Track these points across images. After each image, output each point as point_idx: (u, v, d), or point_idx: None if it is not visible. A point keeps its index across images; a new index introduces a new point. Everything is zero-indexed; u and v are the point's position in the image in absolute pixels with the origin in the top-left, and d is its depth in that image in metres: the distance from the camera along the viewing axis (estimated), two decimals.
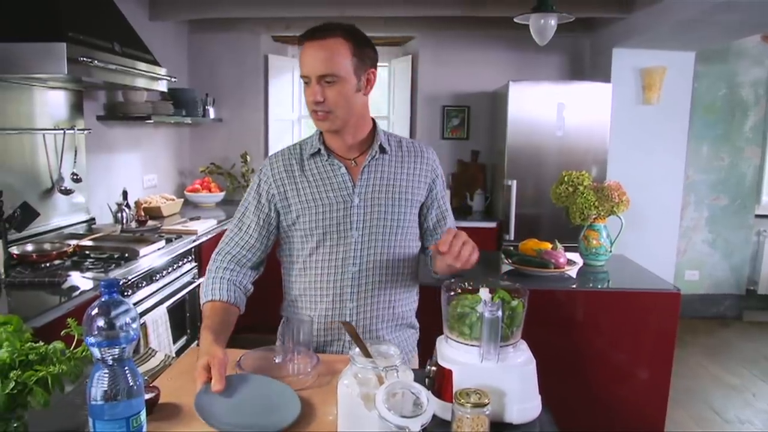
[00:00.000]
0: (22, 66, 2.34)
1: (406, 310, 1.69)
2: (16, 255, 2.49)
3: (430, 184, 1.67)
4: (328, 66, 1.46)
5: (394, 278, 1.62)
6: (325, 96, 1.47)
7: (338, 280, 1.59)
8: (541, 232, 3.83)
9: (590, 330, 2.39)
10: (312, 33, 1.49)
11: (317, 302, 1.61)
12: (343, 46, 1.48)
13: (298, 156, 1.63)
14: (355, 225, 1.57)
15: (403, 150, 1.66)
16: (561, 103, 4.00)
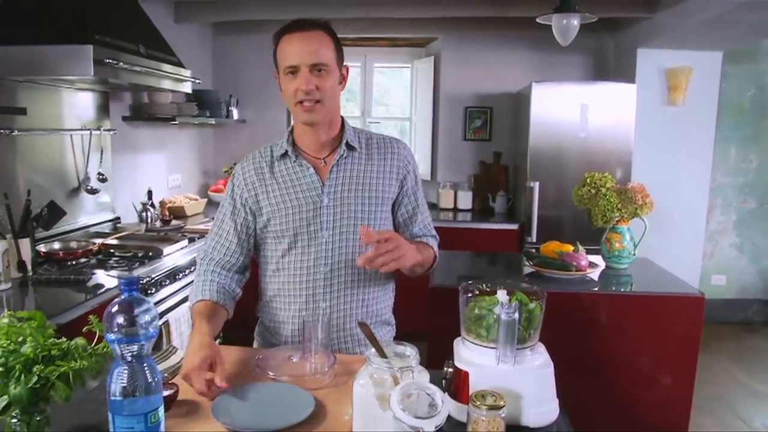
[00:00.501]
0: (50, 68, 2.39)
1: (381, 308, 1.69)
2: (43, 253, 2.54)
3: (401, 180, 1.66)
4: (320, 56, 1.47)
5: (366, 277, 1.62)
6: (317, 85, 1.47)
7: (311, 280, 1.59)
8: (564, 234, 3.80)
9: (612, 334, 2.36)
10: (296, 25, 1.50)
11: (291, 303, 1.61)
12: (327, 38, 1.51)
13: (268, 158, 1.63)
14: (325, 225, 1.57)
15: (372, 147, 1.65)
16: (584, 104, 3.96)
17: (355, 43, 5.17)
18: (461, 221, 4.46)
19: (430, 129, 5.01)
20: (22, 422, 1.01)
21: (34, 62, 2.38)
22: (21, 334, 1.03)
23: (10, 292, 2.18)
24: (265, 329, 1.70)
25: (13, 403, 0.99)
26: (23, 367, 1.00)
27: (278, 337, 1.65)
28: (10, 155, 2.63)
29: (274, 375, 1.33)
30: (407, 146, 1.71)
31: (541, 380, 1.21)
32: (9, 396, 0.99)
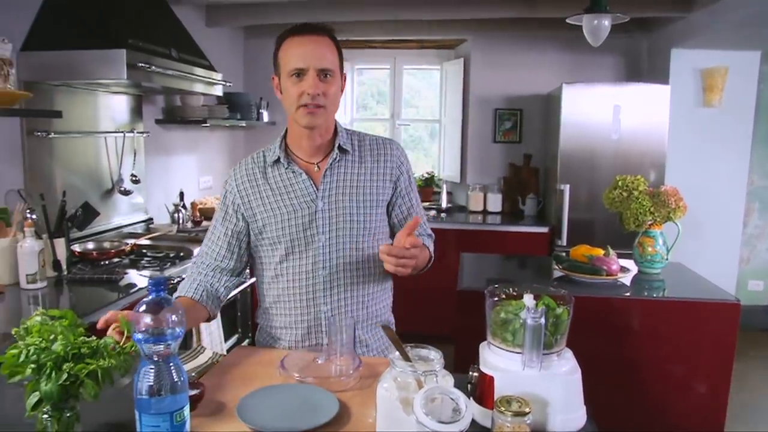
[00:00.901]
0: (85, 72, 2.45)
1: (380, 308, 1.69)
2: (77, 252, 2.60)
3: (395, 182, 1.64)
4: (328, 60, 1.47)
5: (365, 278, 1.62)
6: (324, 90, 1.47)
7: (310, 285, 1.58)
8: (595, 238, 3.74)
9: (644, 340, 2.32)
10: (303, 28, 1.49)
11: (292, 308, 1.61)
12: (332, 44, 1.51)
13: (261, 164, 1.62)
14: (321, 229, 1.56)
15: (365, 148, 1.64)
16: (617, 106, 3.89)
17: (384, 45, 5.18)
18: (490, 224, 4.42)
19: (459, 131, 4.99)
20: (52, 418, 1.03)
21: (70, 67, 2.45)
22: (52, 332, 1.05)
23: (46, 291, 2.24)
24: (266, 335, 1.69)
25: (44, 400, 1.02)
26: (54, 364, 1.02)
27: (280, 343, 1.64)
28: (47, 157, 2.70)
29: (299, 376, 1.33)
30: (400, 147, 1.70)
31: (568, 386, 1.19)
32: (40, 392, 1.01)
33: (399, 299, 1.78)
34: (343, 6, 4.00)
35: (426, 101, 5.56)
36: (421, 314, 4.09)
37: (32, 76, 2.48)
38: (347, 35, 4.79)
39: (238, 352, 1.55)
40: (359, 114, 5.63)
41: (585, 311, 2.31)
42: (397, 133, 5.41)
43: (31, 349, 1.02)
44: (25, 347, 1.03)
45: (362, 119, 5.62)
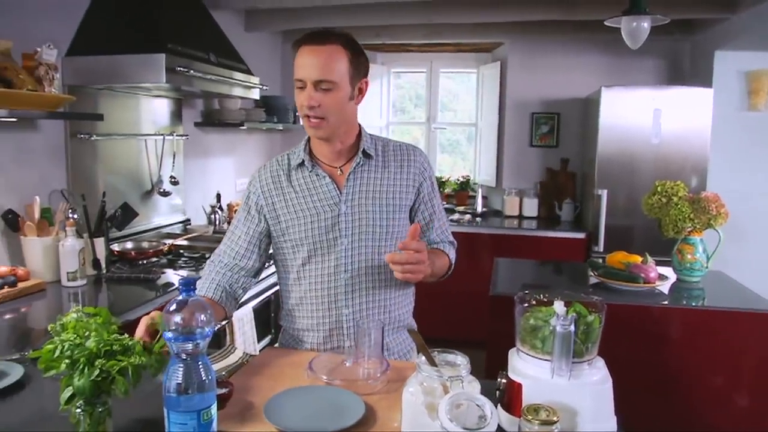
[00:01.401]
0: (126, 76, 2.52)
1: (402, 312, 1.68)
2: (117, 252, 2.67)
3: (417, 187, 1.64)
4: (326, 72, 1.45)
5: (386, 282, 1.61)
6: (320, 102, 1.46)
7: (332, 287, 1.59)
8: (634, 244, 3.65)
9: (683, 350, 2.26)
10: (311, 37, 1.48)
11: (314, 310, 1.61)
12: (340, 53, 1.48)
13: (285, 167, 1.63)
14: (343, 233, 1.57)
15: (389, 154, 1.64)
16: (657, 109, 3.79)
17: (421, 48, 5.18)
18: (526, 229, 4.37)
19: (495, 135, 4.94)
20: (85, 413, 1.06)
21: (112, 71, 2.52)
22: (87, 329, 1.08)
23: (85, 288, 2.31)
24: (289, 337, 1.70)
25: (77, 394, 1.04)
26: (87, 360, 1.04)
27: (302, 345, 1.65)
28: (90, 159, 2.78)
29: (327, 378, 1.34)
30: (423, 153, 1.70)
31: (598, 396, 1.16)
32: (73, 387, 1.04)
33: (432, 304, 1.77)
34: (379, 10, 4.01)
35: (464, 105, 5.53)
36: (454, 320, 4.07)
37: (76, 80, 2.56)
38: (384, 39, 4.80)
39: (267, 353, 1.57)
40: (395, 117, 5.64)
41: (621, 319, 2.28)
42: (433, 136, 5.40)
43: (66, 345, 1.05)
44: (60, 343, 1.06)
45: (398, 123, 5.62)
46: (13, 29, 2.25)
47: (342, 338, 1.60)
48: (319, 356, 1.45)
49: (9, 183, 2.34)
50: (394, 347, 1.66)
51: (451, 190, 5.18)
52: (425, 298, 1.78)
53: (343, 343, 1.60)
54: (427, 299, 1.80)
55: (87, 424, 1.06)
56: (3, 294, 2.05)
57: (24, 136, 2.41)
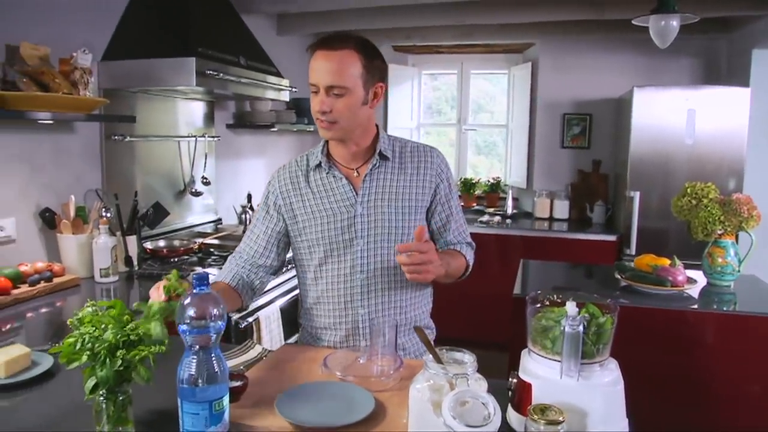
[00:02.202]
0: (158, 79, 2.60)
1: (419, 313, 1.69)
2: (149, 250, 2.75)
3: (434, 188, 1.65)
4: (338, 78, 1.46)
5: (402, 283, 1.62)
6: (332, 107, 1.48)
7: (348, 287, 1.61)
8: (668, 247, 3.58)
9: (711, 356, 2.21)
10: (324, 42, 1.50)
11: (331, 309, 1.64)
12: (354, 58, 1.49)
13: (304, 167, 1.66)
14: (359, 234, 1.59)
15: (406, 155, 1.65)
16: (691, 110, 3.71)
17: (451, 50, 5.18)
18: (557, 231, 4.33)
19: (526, 136, 4.91)
20: (108, 401, 1.10)
21: (145, 74, 2.60)
22: (102, 322, 1.12)
23: (117, 284, 2.39)
24: (308, 335, 1.74)
25: (100, 384, 1.09)
26: (107, 351, 1.09)
27: (320, 343, 1.69)
28: (124, 160, 2.87)
29: (341, 375, 1.36)
30: (441, 154, 1.70)
31: (608, 398, 1.15)
32: (96, 378, 1.09)
33: (461, 306, 1.78)
34: (410, 12, 4.03)
35: (501, 106, 5.50)
36: (483, 321, 4.06)
37: (112, 83, 2.65)
38: (414, 41, 4.82)
39: (285, 349, 1.61)
40: (426, 119, 5.64)
41: (648, 323, 2.25)
42: (464, 138, 5.39)
43: (86, 338, 1.10)
44: (80, 336, 1.11)
45: (429, 124, 5.62)
46: (52, 35, 2.35)
47: (358, 337, 1.63)
48: (334, 353, 1.48)
49: (47, 182, 2.44)
50: (410, 347, 1.67)
51: (482, 192, 5.16)
52: (453, 299, 1.79)
53: (359, 343, 1.62)
54: (456, 301, 1.81)
55: (111, 412, 1.11)
56: (39, 288, 2.14)
57: (61, 138, 2.51)
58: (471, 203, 5.09)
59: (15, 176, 2.31)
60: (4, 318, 1.95)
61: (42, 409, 1.28)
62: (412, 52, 5.32)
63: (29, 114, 2.07)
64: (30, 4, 2.31)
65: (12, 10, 2.24)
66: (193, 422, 1.04)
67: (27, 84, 2.01)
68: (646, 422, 2.05)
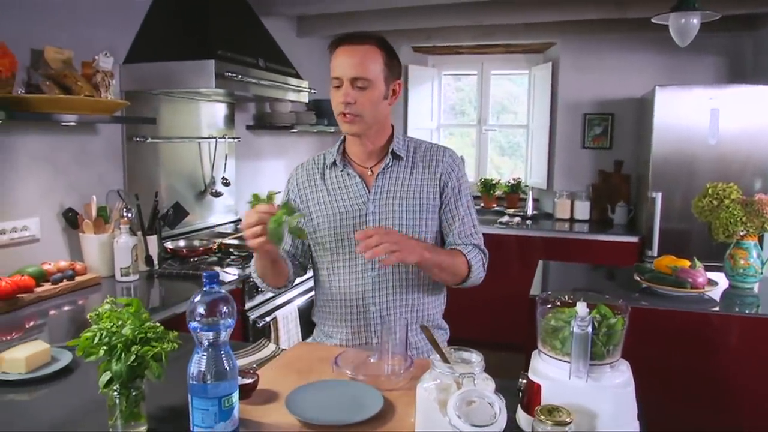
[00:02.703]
0: (179, 82, 2.65)
1: (431, 313, 1.70)
2: (170, 249, 2.80)
3: (442, 187, 1.64)
4: (362, 70, 1.50)
5: (413, 282, 1.64)
6: (356, 99, 1.50)
7: (360, 285, 1.63)
8: (691, 249, 3.52)
9: (733, 359, 2.17)
10: (347, 38, 1.53)
11: (343, 306, 1.66)
12: (376, 53, 1.52)
13: (320, 166, 1.69)
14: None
15: (418, 155, 1.66)
16: (715, 109, 3.65)
17: (471, 50, 5.16)
18: (577, 232, 4.29)
19: (546, 136, 4.87)
20: (121, 396, 1.13)
21: (166, 77, 2.65)
22: (120, 318, 1.15)
23: (137, 283, 2.43)
24: (320, 333, 1.76)
25: (114, 379, 1.11)
26: (123, 346, 1.12)
27: (332, 341, 1.70)
28: (145, 161, 2.93)
29: (352, 374, 1.37)
30: (454, 154, 1.71)
31: (618, 400, 1.15)
32: (111, 371, 1.11)
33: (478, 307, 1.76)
34: (429, 12, 4.03)
35: (524, 106, 5.46)
36: (500, 322, 4.04)
37: (133, 86, 2.70)
38: (434, 41, 4.82)
39: (298, 347, 1.62)
40: (450, 120, 5.63)
41: (667, 325, 2.22)
42: (484, 139, 5.37)
43: (104, 332, 1.13)
44: (98, 331, 1.14)
45: (448, 125, 5.61)
46: (75, 39, 2.41)
47: (369, 335, 1.64)
48: (345, 352, 1.49)
49: (70, 183, 2.50)
50: (422, 346, 1.68)
51: (502, 193, 5.13)
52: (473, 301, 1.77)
53: (371, 340, 1.63)
54: (476, 302, 1.80)
55: (123, 406, 1.13)
56: (62, 287, 2.20)
57: (84, 140, 2.57)
58: (491, 204, 5.06)
59: (39, 177, 2.37)
60: (27, 315, 2.01)
61: (60, 404, 1.32)
62: (432, 52, 5.31)
63: (52, 116, 2.12)
64: (54, 10, 2.37)
65: (37, 15, 2.30)
66: (203, 418, 1.05)
67: (50, 87, 2.06)
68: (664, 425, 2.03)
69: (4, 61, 1.86)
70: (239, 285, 2.59)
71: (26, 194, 2.32)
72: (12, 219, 2.26)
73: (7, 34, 2.06)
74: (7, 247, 2.25)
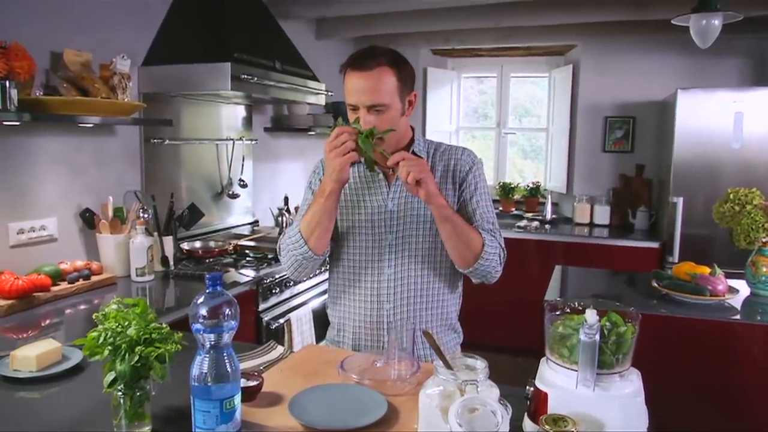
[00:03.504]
0: (196, 84, 2.67)
1: (446, 312, 1.68)
2: (186, 250, 2.82)
3: (459, 184, 1.64)
4: (377, 96, 1.49)
5: (429, 281, 1.63)
6: (375, 124, 1.50)
7: (375, 281, 1.63)
8: (714, 255, 3.43)
9: (753, 368, 2.11)
10: (357, 63, 1.51)
11: (356, 302, 1.66)
12: (388, 74, 1.51)
13: None
14: (389, 229, 1.62)
15: (437, 155, 1.67)
16: (739, 113, 3.57)
17: (491, 53, 5.13)
18: (597, 237, 4.23)
19: (566, 140, 4.81)
20: (125, 396, 1.14)
21: (183, 79, 2.68)
22: (126, 319, 1.16)
23: (153, 284, 2.46)
24: (333, 329, 1.76)
25: (119, 378, 1.12)
26: (128, 346, 1.12)
27: (345, 336, 1.71)
28: (162, 162, 2.96)
29: (358, 378, 1.36)
30: (472, 153, 1.70)
31: (627, 410, 1.12)
32: (115, 371, 1.12)
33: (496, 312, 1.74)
34: (447, 15, 4.01)
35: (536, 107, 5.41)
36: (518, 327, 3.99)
37: (151, 88, 2.73)
38: (453, 44, 4.80)
39: (306, 350, 1.62)
40: (473, 123, 5.60)
41: (686, 332, 2.17)
42: (503, 142, 5.32)
43: (109, 332, 1.14)
44: (103, 331, 1.14)
45: (468, 128, 5.58)
46: (95, 41, 2.44)
47: (382, 333, 1.64)
48: (352, 356, 1.48)
49: (88, 184, 2.53)
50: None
51: (521, 197, 5.09)
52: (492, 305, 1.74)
53: (383, 338, 1.63)
54: (494, 307, 1.78)
55: (128, 406, 1.14)
56: (78, 286, 2.22)
57: (103, 141, 2.60)
58: (510, 208, 5.02)
59: (58, 178, 2.41)
60: (43, 314, 2.03)
61: (69, 402, 1.33)
62: (452, 55, 5.29)
63: (71, 118, 2.15)
64: (75, 12, 2.41)
65: (58, 18, 2.34)
66: (205, 420, 1.05)
67: (67, 89, 2.09)
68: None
69: (21, 63, 1.89)
70: (253, 287, 2.60)
71: (44, 195, 2.36)
72: (30, 219, 2.30)
73: (27, 36, 2.10)
74: (26, 247, 2.29)
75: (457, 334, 1.77)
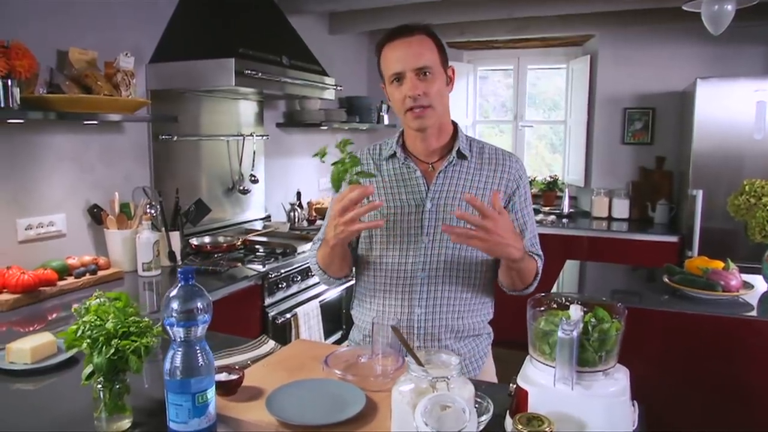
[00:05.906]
0: (201, 80, 2.69)
1: (476, 322, 1.60)
2: (194, 245, 2.85)
3: (509, 195, 1.56)
4: (424, 59, 1.44)
5: (464, 288, 1.55)
6: (425, 90, 1.44)
7: (407, 284, 1.54)
8: (733, 249, 3.36)
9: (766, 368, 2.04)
10: (397, 33, 1.48)
11: (387, 305, 1.58)
12: (429, 41, 1.48)
13: (377, 156, 1.62)
14: (425, 230, 1.53)
15: (484, 157, 1.59)
16: (761, 102, 3.45)
17: (506, 45, 5.06)
18: (615, 231, 4.14)
19: (584, 132, 4.72)
20: (105, 388, 1.14)
21: (189, 75, 2.70)
22: (107, 312, 1.16)
23: (159, 278, 2.48)
24: (358, 331, 1.69)
25: (96, 371, 1.13)
26: (105, 339, 1.13)
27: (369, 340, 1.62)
28: (171, 158, 2.98)
29: (341, 374, 1.35)
30: (520, 161, 1.62)
31: (611, 409, 1.08)
32: (93, 364, 1.13)
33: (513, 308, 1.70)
34: (462, 6, 3.96)
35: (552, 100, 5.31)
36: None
37: (159, 85, 2.76)
38: (468, 36, 4.74)
39: (294, 345, 1.61)
40: (495, 115, 5.54)
41: (696, 329, 2.10)
42: (520, 135, 5.25)
43: (87, 326, 1.15)
44: (82, 324, 1.15)
45: (485, 121, 5.52)
46: (101, 40, 2.47)
47: (412, 338, 1.55)
48: (337, 351, 1.46)
49: (96, 180, 2.57)
50: (465, 353, 1.59)
51: (538, 190, 5.01)
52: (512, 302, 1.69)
53: (412, 343, 1.54)
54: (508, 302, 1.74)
55: (107, 399, 1.15)
56: (84, 281, 2.26)
57: (110, 138, 2.64)
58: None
59: (65, 174, 2.45)
60: (49, 308, 2.07)
61: (63, 394, 1.36)
62: (467, 47, 5.23)
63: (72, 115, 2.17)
64: (82, 11, 2.44)
65: (64, 17, 2.37)
66: (177, 413, 1.05)
67: (70, 87, 2.12)
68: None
69: (23, 62, 1.91)
70: (258, 281, 2.61)
71: (53, 191, 2.40)
72: (39, 215, 2.34)
73: (33, 35, 2.14)
74: (35, 242, 2.33)
75: (488, 335, 1.69)
